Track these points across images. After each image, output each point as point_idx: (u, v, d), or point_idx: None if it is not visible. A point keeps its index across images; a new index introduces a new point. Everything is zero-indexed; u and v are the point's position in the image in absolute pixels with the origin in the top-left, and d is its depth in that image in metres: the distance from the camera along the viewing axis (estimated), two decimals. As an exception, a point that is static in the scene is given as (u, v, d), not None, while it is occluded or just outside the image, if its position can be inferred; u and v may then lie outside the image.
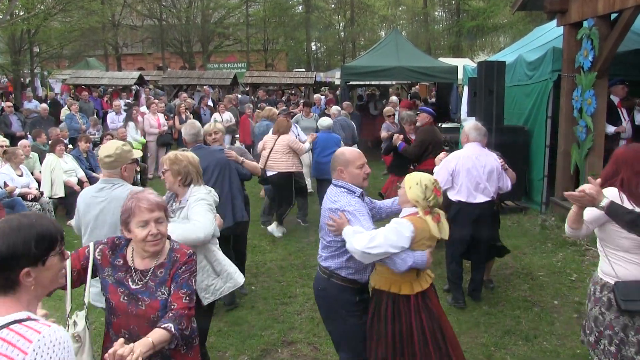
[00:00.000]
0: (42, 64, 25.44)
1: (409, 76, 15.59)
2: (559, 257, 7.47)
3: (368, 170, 3.81)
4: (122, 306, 2.86)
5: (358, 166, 3.75)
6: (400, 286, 3.55)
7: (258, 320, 5.73)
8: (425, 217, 3.50)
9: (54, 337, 1.83)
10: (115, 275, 2.91)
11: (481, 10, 35.03)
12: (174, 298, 2.81)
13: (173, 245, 2.99)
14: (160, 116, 13.75)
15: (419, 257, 3.47)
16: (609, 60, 7.88)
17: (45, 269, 1.99)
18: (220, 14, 36.89)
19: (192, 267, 2.92)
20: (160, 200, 2.92)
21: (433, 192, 3.50)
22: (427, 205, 3.51)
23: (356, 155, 3.80)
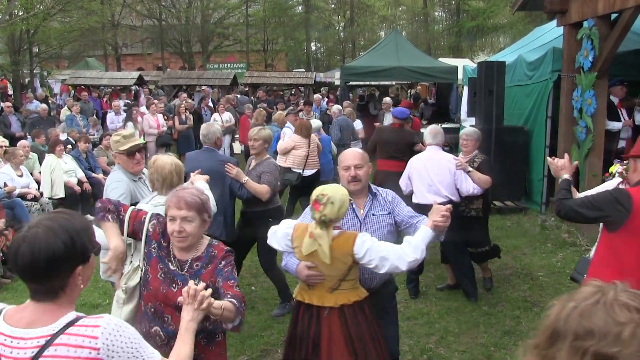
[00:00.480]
0: (41, 64, 25.42)
1: (408, 76, 15.60)
2: (559, 258, 7.46)
3: (354, 173, 3.60)
4: (156, 283, 2.96)
5: (343, 167, 3.67)
6: (298, 291, 3.51)
7: (258, 321, 5.72)
8: (313, 229, 3.26)
9: (114, 323, 1.85)
10: (160, 251, 3.02)
11: (481, 11, 35.02)
12: (226, 287, 2.85)
13: (212, 242, 3.07)
14: (160, 117, 13.74)
15: (289, 261, 3.42)
16: (609, 60, 7.88)
17: (89, 266, 1.96)
18: (220, 14, 36.88)
19: (231, 261, 3.00)
20: (194, 199, 2.88)
21: (311, 206, 3.27)
22: (315, 219, 3.24)
23: (346, 157, 3.70)
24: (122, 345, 1.82)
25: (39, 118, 14.01)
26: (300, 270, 3.33)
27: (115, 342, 1.80)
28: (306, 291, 3.41)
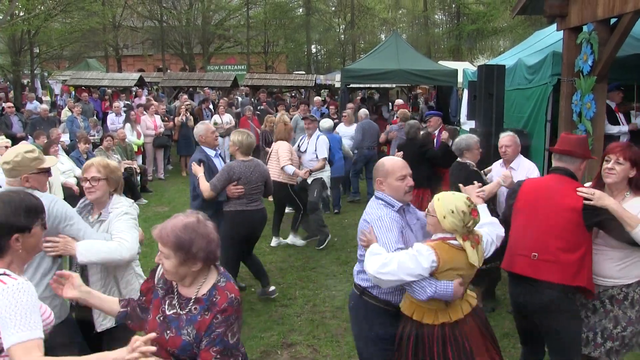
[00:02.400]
0: (42, 65, 25.46)
1: (409, 79, 15.63)
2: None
3: (411, 182, 3.48)
4: (154, 324, 2.70)
5: (399, 177, 3.46)
6: (424, 314, 3.24)
7: (258, 322, 5.75)
8: (463, 243, 3.13)
9: (17, 287, 2.27)
10: (165, 291, 2.75)
11: (481, 14, 35.09)
12: (203, 356, 2.53)
13: (219, 282, 2.66)
14: (157, 118, 13.76)
15: (441, 288, 3.09)
16: (608, 64, 7.91)
17: (31, 236, 2.48)
18: (221, 16, 36.90)
19: (230, 319, 2.55)
20: (168, 236, 2.54)
21: (471, 216, 3.10)
22: (466, 231, 3.14)
23: (397, 166, 3.51)
24: (6, 306, 2.22)
25: (39, 118, 14.03)
26: (458, 290, 3.11)
27: (7, 298, 2.23)
28: (442, 311, 3.22)
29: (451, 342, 3.17)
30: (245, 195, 5.88)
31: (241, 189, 5.82)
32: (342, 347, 5.20)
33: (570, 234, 3.60)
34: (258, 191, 6.01)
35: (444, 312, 3.20)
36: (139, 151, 12.94)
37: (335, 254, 7.93)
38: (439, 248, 3.12)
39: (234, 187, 5.81)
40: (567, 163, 3.80)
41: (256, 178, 5.94)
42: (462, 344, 3.18)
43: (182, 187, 12.68)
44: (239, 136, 5.97)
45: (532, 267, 3.73)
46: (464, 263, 3.14)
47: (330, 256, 7.86)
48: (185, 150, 14.22)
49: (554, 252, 3.63)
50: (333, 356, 5.05)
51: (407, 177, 3.48)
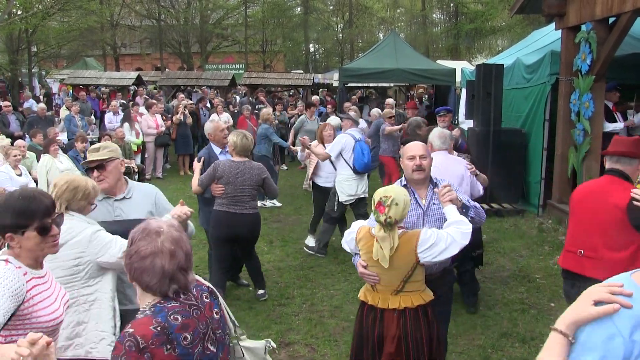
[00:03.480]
0: (40, 64, 25.42)
1: (407, 78, 15.62)
2: (556, 260, 7.45)
3: (419, 162, 3.71)
4: None
5: (408, 157, 3.75)
6: (363, 287, 3.64)
7: (256, 322, 5.73)
8: (376, 234, 3.33)
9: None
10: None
11: (479, 13, 35.12)
12: None
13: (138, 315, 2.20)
14: (158, 117, 13.74)
15: (355, 259, 3.59)
16: (606, 63, 7.93)
17: (25, 239, 2.49)
18: (219, 14, 36.92)
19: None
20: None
21: (374, 208, 3.29)
22: (380, 221, 3.28)
23: (411, 147, 3.80)
24: None
25: (37, 117, 14.01)
26: (358, 267, 3.51)
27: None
28: (370, 292, 3.50)
29: (365, 323, 3.50)
30: (228, 196, 5.75)
31: (221, 188, 5.73)
32: (340, 346, 5.19)
33: (616, 232, 3.65)
34: (244, 194, 5.78)
35: (369, 293, 3.51)
36: (137, 150, 12.91)
37: (333, 254, 7.91)
38: (362, 229, 3.51)
39: (214, 185, 5.75)
40: (623, 165, 3.78)
41: (242, 180, 5.73)
42: (371, 330, 3.44)
43: (180, 186, 12.66)
44: (235, 137, 5.90)
45: (578, 264, 3.90)
46: (369, 250, 3.39)
47: (328, 255, 7.84)
48: (183, 149, 14.19)
49: (598, 249, 3.73)
50: (331, 355, 5.04)
51: (417, 158, 3.70)
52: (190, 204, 11.13)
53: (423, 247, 3.29)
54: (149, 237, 2.11)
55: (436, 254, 3.31)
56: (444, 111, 8.23)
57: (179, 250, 2.10)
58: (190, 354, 2.05)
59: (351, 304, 6.11)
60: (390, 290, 3.39)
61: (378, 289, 3.44)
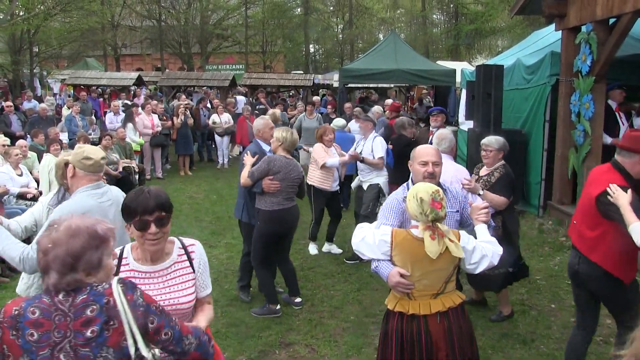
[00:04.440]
0: (41, 64, 25.43)
1: (407, 79, 15.62)
2: (556, 261, 7.49)
3: (431, 169, 3.60)
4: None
5: (420, 162, 3.64)
6: (389, 298, 3.47)
7: (256, 322, 5.74)
8: (423, 232, 3.16)
9: None
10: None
11: (479, 14, 35.12)
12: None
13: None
14: (155, 117, 13.73)
15: (381, 267, 3.30)
16: (607, 64, 7.92)
17: (131, 232, 2.72)
18: (219, 15, 36.88)
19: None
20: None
21: (430, 206, 3.11)
22: (426, 220, 3.14)
23: (423, 152, 3.70)
24: None
25: (38, 117, 14.02)
26: (392, 277, 3.23)
27: None
28: (407, 301, 3.31)
29: (406, 334, 3.29)
30: (282, 193, 5.75)
31: (277, 184, 5.71)
32: (340, 346, 5.19)
33: (589, 215, 4.03)
34: (293, 190, 5.89)
35: (405, 302, 3.31)
36: (138, 150, 12.91)
37: (333, 254, 7.92)
38: (397, 232, 3.28)
39: (270, 180, 5.71)
40: (623, 157, 3.95)
41: (294, 177, 5.79)
42: (418, 339, 3.26)
43: (181, 186, 12.67)
44: (284, 133, 5.91)
45: (573, 232, 4.33)
46: (420, 255, 3.16)
47: (328, 256, 7.84)
48: (183, 149, 14.20)
49: (580, 225, 4.17)
50: (331, 356, 5.04)
51: (430, 164, 3.61)
52: (190, 204, 11.23)
53: (469, 248, 3.24)
54: (47, 231, 2.18)
55: (471, 261, 3.26)
56: (437, 111, 8.39)
57: (57, 249, 2.07)
58: (33, 352, 2.02)
59: (351, 305, 6.12)
60: (429, 295, 3.26)
61: (415, 295, 3.27)
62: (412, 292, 3.26)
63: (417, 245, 3.18)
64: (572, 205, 8.81)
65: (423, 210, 3.12)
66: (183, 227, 9.28)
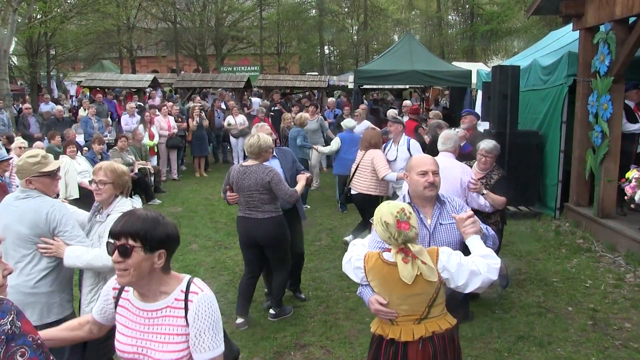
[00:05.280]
0: (58, 67, 25.71)
1: (422, 80, 15.55)
2: (573, 263, 7.41)
3: (431, 179, 3.37)
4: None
5: (419, 172, 3.40)
6: (373, 322, 3.26)
7: (271, 323, 5.74)
8: (395, 256, 2.92)
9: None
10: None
11: (495, 14, 34.90)
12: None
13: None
14: (171, 119, 13.81)
15: (364, 293, 3.14)
16: (626, 64, 7.83)
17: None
18: (234, 17, 37.03)
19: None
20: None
21: (396, 229, 2.87)
22: (397, 244, 2.90)
23: (421, 161, 3.49)
24: None
25: (55, 119, 14.16)
26: (371, 304, 3.06)
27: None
28: (388, 325, 3.08)
29: (384, 358, 3.09)
30: (242, 202, 5.61)
31: (234, 196, 5.60)
32: (355, 348, 5.17)
33: None
34: (255, 199, 5.50)
35: (386, 326, 3.10)
36: (152, 151, 12.97)
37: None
38: (369, 257, 3.05)
39: (229, 193, 5.64)
40: None
41: (249, 185, 5.46)
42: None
43: (196, 187, 12.72)
44: (248, 139, 5.72)
45: None
46: (394, 280, 2.92)
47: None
48: (199, 151, 14.26)
49: None
50: (346, 357, 5.03)
51: (429, 174, 3.38)
52: (205, 206, 11.26)
53: (449, 266, 2.95)
54: None
55: (457, 283, 2.96)
56: (467, 113, 8.30)
57: None
58: None
59: (366, 307, 6.06)
60: (412, 320, 3.02)
61: (398, 320, 3.04)
62: (395, 317, 3.05)
63: (390, 270, 2.95)
64: (589, 207, 8.73)
65: (391, 234, 2.89)
66: (198, 228, 9.32)
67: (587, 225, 8.54)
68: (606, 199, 8.22)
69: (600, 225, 8.18)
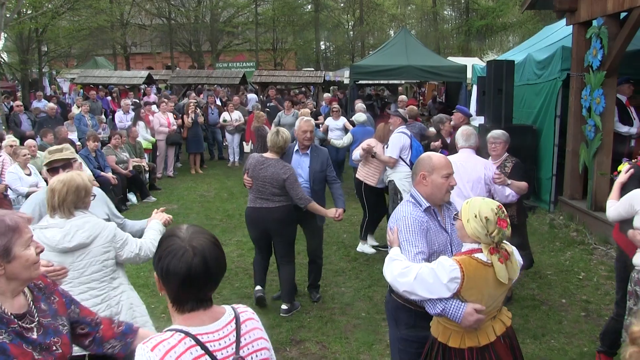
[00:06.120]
0: (50, 63, 25.57)
1: (418, 75, 15.56)
2: (567, 256, 7.46)
3: (454, 182, 3.29)
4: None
5: (444, 175, 3.23)
6: (450, 336, 2.91)
7: (267, 319, 5.74)
8: (491, 257, 2.79)
9: None
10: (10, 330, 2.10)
11: (490, 10, 34.93)
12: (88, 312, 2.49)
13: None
14: (170, 115, 13.80)
15: (451, 307, 2.80)
16: (618, 59, 7.86)
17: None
18: (229, 13, 36.88)
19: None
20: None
21: (496, 226, 2.76)
22: (491, 242, 2.80)
23: (445, 163, 3.29)
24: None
25: (47, 117, 14.11)
26: (469, 316, 2.77)
27: None
28: (470, 335, 2.86)
29: None
30: (254, 191, 5.77)
31: (250, 180, 5.73)
32: (351, 343, 5.20)
33: None
34: (267, 191, 5.65)
35: (472, 335, 2.86)
36: (147, 150, 12.94)
37: (344, 251, 7.92)
38: (465, 263, 2.79)
39: (246, 176, 5.78)
40: None
41: (264, 177, 5.64)
42: None
43: (191, 184, 12.71)
44: (270, 135, 5.83)
45: None
46: (491, 281, 2.80)
47: (339, 252, 7.85)
48: (194, 147, 14.24)
49: None
50: (342, 352, 5.05)
51: (452, 177, 3.28)
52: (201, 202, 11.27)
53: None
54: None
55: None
56: (457, 110, 8.46)
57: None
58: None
59: (362, 302, 6.12)
60: (490, 318, 2.90)
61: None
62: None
63: (487, 272, 2.80)
64: (583, 200, 8.78)
65: (488, 231, 2.77)
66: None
67: (581, 218, 8.59)
68: (599, 192, 8.26)
69: (594, 218, 8.23)
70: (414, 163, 7.58)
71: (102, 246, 3.39)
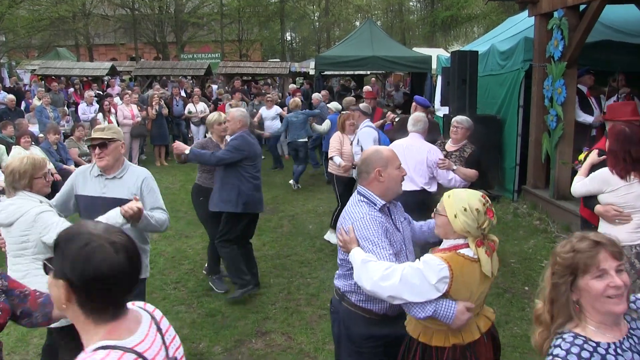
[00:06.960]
0: (9, 54, 24.92)
1: (383, 66, 15.62)
2: (530, 244, 7.57)
3: (405, 172, 3.16)
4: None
5: (397, 166, 3.10)
6: (432, 335, 2.79)
7: (232, 311, 5.71)
8: (477, 250, 2.67)
9: None
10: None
11: (455, 1, 35.22)
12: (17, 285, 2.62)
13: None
14: (134, 107, 13.58)
15: (442, 308, 2.63)
16: (578, 50, 7.99)
17: None
18: (194, 3, 36.50)
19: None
20: None
21: (486, 216, 2.66)
22: (480, 234, 2.69)
23: (393, 153, 3.15)
24: None
25: (6, 109, 13.75)
26: (461, 315, 2.64)
27: None
28: (456, 334, 2.74)
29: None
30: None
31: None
32: (316, 334, 5.19)
33: None
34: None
35: (455, 332, 2.73)
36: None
37: (310, 242, 7.91)
38: (452, 261, 2.63)
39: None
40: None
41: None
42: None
43: (156, 177, 12.36)
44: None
45: None
46: (478, 277, 2.68)
47: (305, 244, 7.84)
48: (159, 139, 14.05)
49: None
50: (307, 343, 5.04)
51: (402, 167, 3.15)
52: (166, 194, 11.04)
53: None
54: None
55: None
56: (414, 100, 8.58)
57: None
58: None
59: (327, 292, 6.11)
60: (475, 314, 2.77)
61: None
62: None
63: (474, 268, 2.67)
64: (546, 190, 8.93)
65: (479, 224, 2.66)
66: (158, 217, 9.20)
67: (544, 206, 8.73)
68: (561, 180, 8.40)
69: (556, 206, 8.37)
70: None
71: (20, 229, 3.58)
